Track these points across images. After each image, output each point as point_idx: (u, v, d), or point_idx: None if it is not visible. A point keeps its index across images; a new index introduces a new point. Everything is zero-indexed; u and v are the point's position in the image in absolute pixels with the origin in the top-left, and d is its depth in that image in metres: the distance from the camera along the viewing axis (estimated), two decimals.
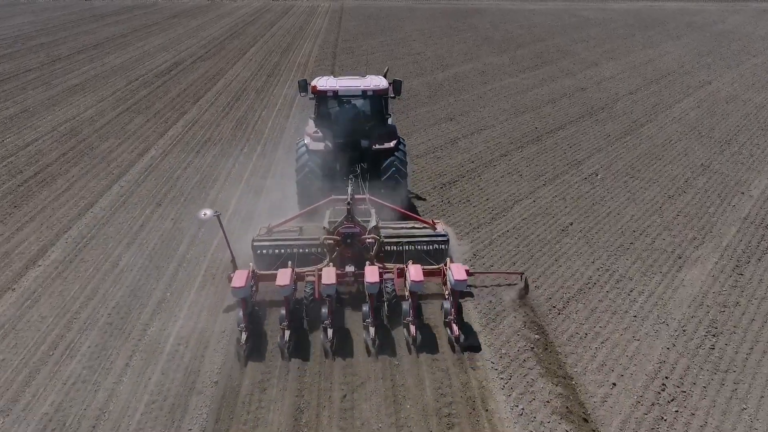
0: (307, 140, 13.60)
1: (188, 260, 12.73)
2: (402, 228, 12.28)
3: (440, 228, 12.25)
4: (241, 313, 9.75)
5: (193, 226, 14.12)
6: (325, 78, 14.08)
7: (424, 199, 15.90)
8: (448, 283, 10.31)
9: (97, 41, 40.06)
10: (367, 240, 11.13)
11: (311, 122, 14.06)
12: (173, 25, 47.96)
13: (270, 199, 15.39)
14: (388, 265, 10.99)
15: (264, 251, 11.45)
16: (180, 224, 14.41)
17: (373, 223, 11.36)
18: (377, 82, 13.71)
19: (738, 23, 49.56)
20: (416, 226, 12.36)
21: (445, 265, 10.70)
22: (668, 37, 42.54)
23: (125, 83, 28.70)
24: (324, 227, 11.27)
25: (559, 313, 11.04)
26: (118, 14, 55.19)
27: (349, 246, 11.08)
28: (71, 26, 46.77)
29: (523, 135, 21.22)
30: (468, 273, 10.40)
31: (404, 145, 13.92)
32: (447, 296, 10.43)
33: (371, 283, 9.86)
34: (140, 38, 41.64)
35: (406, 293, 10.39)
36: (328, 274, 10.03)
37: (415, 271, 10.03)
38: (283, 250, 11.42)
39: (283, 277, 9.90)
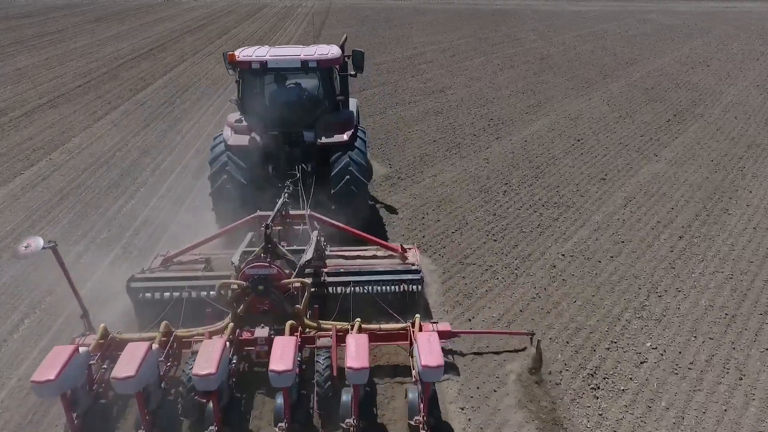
0: (227, 133, 9.05)
1: None
2: (357, 257, 7.80)
3: (412, 257, 7.56)
4: (66, 419, 5.53)
5: None
6: (253, 47, 9.28)
7: (396, 213, 10.53)
8: (414, 363, 5.83)
9: None
10: (293, 285, 6.51)
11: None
12: (82, 32, 31.89)
13: None
14: (324, 324, 6.45)
15: (145, 295, 6.97)
16: None
17: (308, 256, 6.96)
18: (324, 50, 9.15)
19: None
20: (378, 254, 7.83)
21: (413, 324, 6.21)
22: None
23: None
24: (232, 262, 6.80)
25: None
26: (33, 15, 39.21)
27: (264, 295, 6.38)
28: None
29: None
30: (451, 334, 6.56)
31: (364, 141, 9.30)
32: (414, 381, 5.90)
33: (278, 373, 5.27)
34: (11, 54, 25.76)
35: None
36: (208, 355, 5.39)
37: (355, 350, 5.41)
38: (171, 294, 6.92)
39: (130, 359, 5.29)
